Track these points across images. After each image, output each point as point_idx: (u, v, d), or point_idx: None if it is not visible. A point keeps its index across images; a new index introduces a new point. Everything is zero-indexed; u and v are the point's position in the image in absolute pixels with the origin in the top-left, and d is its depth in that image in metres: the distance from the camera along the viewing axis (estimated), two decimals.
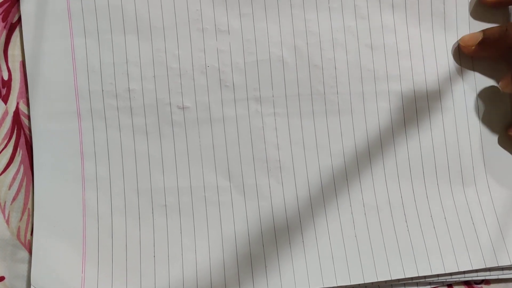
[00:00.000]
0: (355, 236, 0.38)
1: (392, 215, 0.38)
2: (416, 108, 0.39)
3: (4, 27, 0.38)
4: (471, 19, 0.40)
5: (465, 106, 0.39)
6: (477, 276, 0.38)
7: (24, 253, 0.37)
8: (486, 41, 0.38)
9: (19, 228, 0.37)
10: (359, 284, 0.37)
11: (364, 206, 0.38)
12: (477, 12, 0.40)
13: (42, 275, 0.37)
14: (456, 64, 0.40)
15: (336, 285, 0.37)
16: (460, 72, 0.40)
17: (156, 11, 0.38)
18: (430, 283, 0.38)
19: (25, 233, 0.37)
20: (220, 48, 0.39)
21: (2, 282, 0.36)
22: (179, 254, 0.37)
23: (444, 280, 0.38)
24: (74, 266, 0.37)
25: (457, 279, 0.38)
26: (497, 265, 0.37)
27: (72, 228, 0.37)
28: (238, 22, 0.39)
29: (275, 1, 0.39)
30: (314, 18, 0.39)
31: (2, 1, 0.38)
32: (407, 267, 0.37)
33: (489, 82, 0.40)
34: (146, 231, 0.38)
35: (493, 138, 0.40)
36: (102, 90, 0.38)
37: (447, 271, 0.37)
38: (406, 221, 0.38)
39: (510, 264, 0.37)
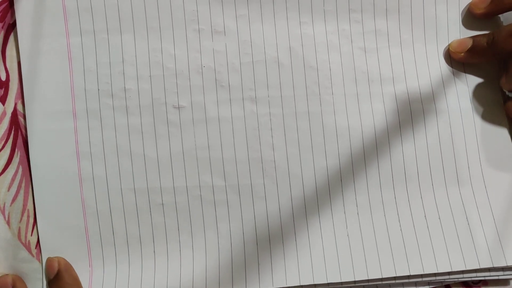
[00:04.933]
0: (347, 235, 0.38)
1: (385, 215, 0.39)
2: (411, 110, 0.39)
3: (2, 28, 0.38)
4: (462, 23, 0.40)
5: (459, 108, 0.40)
6: (476, 277, 0.38)
7: (25, 254, 0.38)
8: (475, 49, 0.38)
9: (19, 229, 0.38)
10: (358, 285, 0.38)
11: (357, 206, 0.39)
12: (468, 17, 0.40)
13: None
14: (448, 67, 0.40)
15: (326, 282, 0.38)
16: (452, 75, 0.40)
17: (152, 11, 0.38)
18: (428, 283, 0.39)
19: (25, 233, 0.38)
20: (216, 48, 0.39)
21: None
22: (177, 250, 0.38)
23: (443, 280, 0.38)
24: (81, 261, 0.38)
25: (456, 279, 0.38)
26: (492, 266, 0.38)
27: (74, 226, 0.38)
28: (234, 23, 0.39)
29: (271, 3, 0.39)
30: (309, 21, 0.39)
31: (0, 2, 0.38)
32: (399, 266, 0.38)
33: (480, 83, 0.40)
34: (145, 229, 0.38)
35: (489, 138, 0.40)
36: (98, 90, 0.38)
37: (440, 271, 0.38)
38: (399, 221, 0.39)
39: (506, 265, 0.38)
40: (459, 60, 0.39)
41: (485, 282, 0.39)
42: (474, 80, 0.40)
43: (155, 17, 0.39)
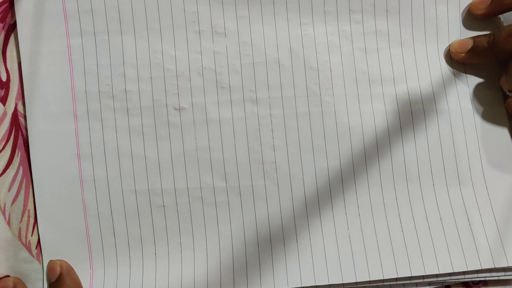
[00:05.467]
0: (349, 236, 0.38)
1: (386, 216, 0.39)
2: (412, 110, 0.39)
3: (3, 28, 0.38)
4: (463, 24, 0.40)
5: (460, 108, 0.40)
6: (478, 277, 0.38)
7: (25, 254, 0.38)
8: (475, 49, 0.39)
9: (20, 230, 0.38)
10: (359, 286, 0.38)
11: (358, 207, 0.39)
12: (469, 17, 0.40)
13: None
14: (448, 67, 0.40)
15: (328, 283, 0.38)
16: (453, 75, 0.40)
17: (153, 12, 0.39)
18: (429, 284, 0.38)
19: (26, 234, 0.38)
20: (216, 50, 0.39)
21: None
22: (178, 251, 0.38)
23: (443, 281, 0.38)
24: (82, 262, 0.38)
25: (457, 280, 0.38)
26: (493, 267, 0.38)
27: (75, 228, 0.38)
28: (235, 25, 0.39)
29: (271, 4, 0.39)
30: (310, 22, 0.39)
31: (0, 2, 0.38)
32: (400, 267, 0.38)
33: (481, 83, 0.40)
34: (146, 230, 0.38)
35: (490, 138, 0.40)
36: (99, 91, 0.38)
37: (441, 272, 0.38)
38: (400, 222, 0.39)
39: (507, 265, 0.38)
40: (459, 61, 0.40)
41: (485, 282, 0.39)
42: (474, 80, 0.40)
43: (156, 19, 0.39)
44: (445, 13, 0.40)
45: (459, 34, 0.40)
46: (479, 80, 0.40)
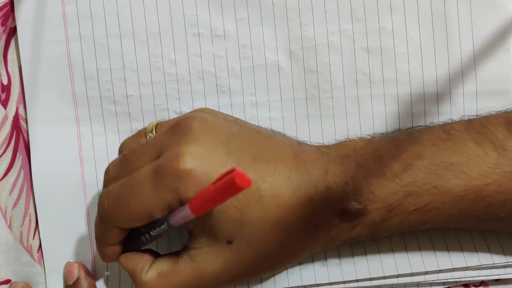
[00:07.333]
0: None
1: None
2: (412, 112, 0.38)
3: (4, 32, 0.39)
4: (474, 18, 0.38)
5: (463, 110, 0.39)
6: (478, 276, 0.38)
7: (27, 257, 0.38)
8: None
9: (21, 233, 0.38)
10: (360, 285, 0.38)
11: None
12: (480, 12, 0.38)
13: (56, 278, 0.38)
14: (457, 66, 0.38)
15: (328, 282, 0.37)
16: (461, 75, 0.39)
17: (152, 16, 0.38)
18: (431, 284, 0.38)
19: (27, 237, 0.38)
20: (216, 53, 0.39)
21: (7, 284, 0.38)
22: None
23: (445, 280, 0.38)
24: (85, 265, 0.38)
25: (458, 279, 0.38)
26: (492, 263, 0.37)
27: (78, 231, 0.38)
28: (234, 27, 0.38)
29: (271, 5, 0.38)
30: (310, 22, 0.38)
31: (2, 6, 0.39)
32: (400, 264, 0.37)
33: (490, 85, 0.39)
34: None
35: None
36: (100, 96, 0.38)
37: (441, 268, 0.37)
38: None
39: (506, 262, 0.37)
40: None
41: (485, 284, 0.39)
42: (483, 81, 0.38)
43: (155, 22, 0.38)
44: (454, 6, 0.39)
45: (470, 29, 0.38)
46: (489, 80, 0.38)
